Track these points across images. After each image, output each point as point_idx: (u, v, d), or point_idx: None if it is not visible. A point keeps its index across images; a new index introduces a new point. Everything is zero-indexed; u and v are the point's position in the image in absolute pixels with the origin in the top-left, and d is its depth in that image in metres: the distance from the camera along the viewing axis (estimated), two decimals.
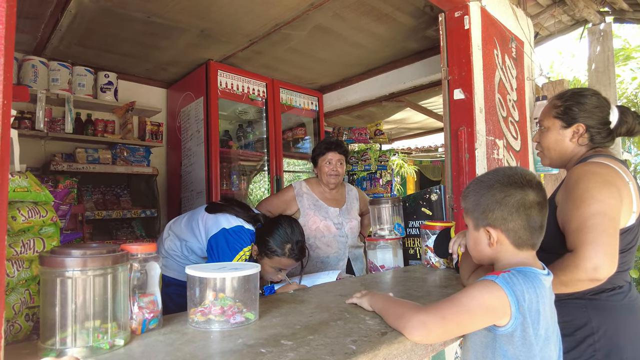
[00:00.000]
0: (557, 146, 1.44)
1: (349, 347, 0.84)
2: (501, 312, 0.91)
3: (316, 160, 2.42)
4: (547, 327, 0.98)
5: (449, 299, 0.95)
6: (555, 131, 1.44)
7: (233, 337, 0.93)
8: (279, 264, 1.81)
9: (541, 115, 1.50)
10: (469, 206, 1.08)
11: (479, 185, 1.07)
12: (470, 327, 0.97)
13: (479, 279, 0.98)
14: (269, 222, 1.87)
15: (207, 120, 3.28)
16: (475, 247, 1.08)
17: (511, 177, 1.02)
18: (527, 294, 0.92)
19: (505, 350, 0.94)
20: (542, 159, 1.52)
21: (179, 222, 2.01)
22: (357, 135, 4.68)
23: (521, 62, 2.81)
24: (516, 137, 2.56)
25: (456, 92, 2.11)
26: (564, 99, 1.43)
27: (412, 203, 2.29)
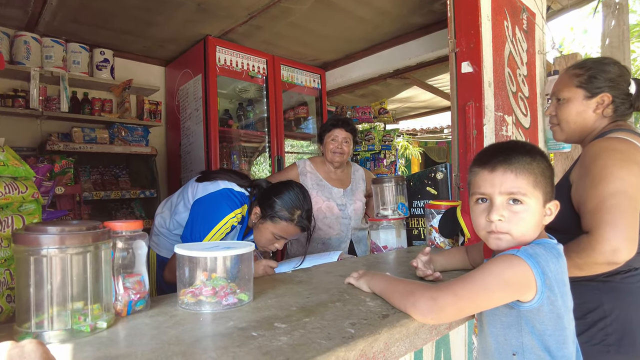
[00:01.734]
0: (578, 118, 1.34)
1: (348, 331, 0.78)
2: (525, 287, 0.86)
3: (322, 137, 2.34)
4: (571, 299, 0.92)
5: (462, 276, 0.90)
6: (578, 102, 1.34)
7: (224, 319, 0.87)
8: (283, 231, 1.63)
9: (558, 86, 1.39)
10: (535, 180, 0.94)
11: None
12: (485, 305, 0.91)
13: (499, 254, 0.91)
14: (278, 184, 1.71)
15: (206, 99, 3.19)
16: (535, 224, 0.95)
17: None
18: (552, 265, 0.86)
19: (532, 326, 0.89)
20: (557, 133, 1.43)
21: (171, 197, 1.95)
22: (360, 114, 4.57)
23: (532, 35, 2.68)
24: (526, 113, 2.45)
25: (464, 65, 2.01)
26: (587, 68, 1.33)
27: (417, 182, 2.21)
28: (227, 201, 1.66)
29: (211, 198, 1.68)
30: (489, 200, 0.94)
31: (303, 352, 0.68)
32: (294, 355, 0.67)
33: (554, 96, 1.42)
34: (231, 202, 1.66)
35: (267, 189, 1.72)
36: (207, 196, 1.70)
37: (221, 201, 1.66)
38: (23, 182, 1.01)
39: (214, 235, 1.60)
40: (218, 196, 1.68)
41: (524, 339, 0.91)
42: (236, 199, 1.69)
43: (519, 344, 0.92)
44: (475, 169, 0.97)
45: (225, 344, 0.73)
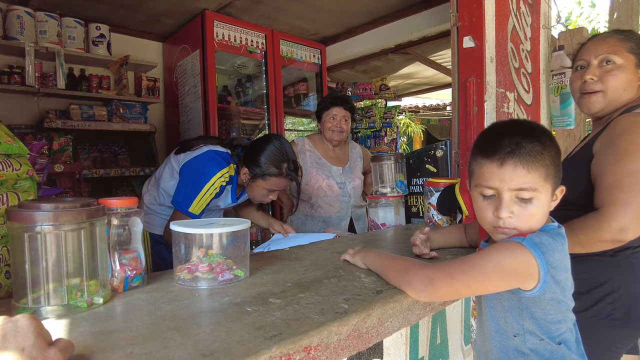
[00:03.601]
0: (628, 87, 1.24)
1: (341, 306, 0.79)
2: (526, 277, 0.83)
3: (320, 115, 2.32)
4: (572, 283, 0.92)
5: (461, 259, 0.88)
6: (631, 70, 1.24)
7: (219, 295, 0.88)
8: (275, 185, 1.72)
9: (608, 48, 1.26)
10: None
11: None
12: (482, 290, 0.90)
13: (504, 240, 0.88)
14: (258, 141, 1.75)
15: (204, 75, 3.15)
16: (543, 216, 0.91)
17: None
18: (557, 254, 0.84)
19: (533, 312, 0.89)
20: (595, 103, 1.29)
21: (153, 175, 1.97)
22: (361, 90, 4.51)
23: (537, 9, 2.61)
24: (528, 90, 2.41)
25: (465, 40, 1.96)
26: (633, 34, 1.26)
27: (416, 160, 2.20)
28: (213, 161, 1.69)
29: (197, 160, 1.71)
30: (496, 195, 0.89)
31: (296, 327, 0.69)
32: (287, 330, 0.68)
33: (598, 59, 1.27)
34: (217, 162, 1.69)
35: (249, 147, 1.74)
36: (193, 159, 1.72)
37: (207, 162, 1.69)
38: (17, 159, 1.00)
39: (203, 195, 1.64)
40: (204, 157, 1.70)
41: (524, 323, 0.91)
42: (221, 158, 1.71)
43: (520, 327, 0.92)
44: (481, 160, 0.90)
45: (220, 319, 0.74)
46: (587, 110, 1.32)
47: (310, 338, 0.67)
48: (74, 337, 0.67)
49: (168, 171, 1.81)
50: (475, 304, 1.09)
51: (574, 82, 1.36)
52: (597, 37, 1.33)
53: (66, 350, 0.54)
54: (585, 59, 1.31)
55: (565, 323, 0.91)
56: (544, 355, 0.91)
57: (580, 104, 1.35)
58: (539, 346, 0.91)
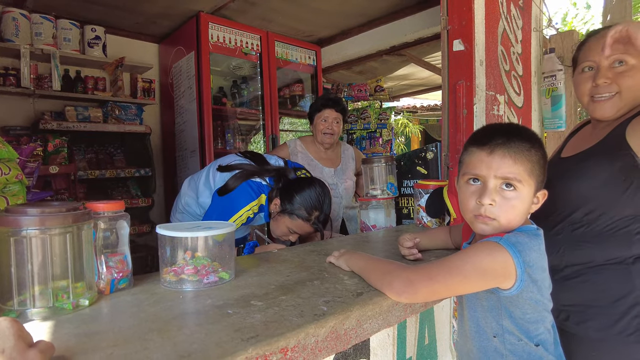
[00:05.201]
0: (637, 91, 1.17)
1: (320, 308, 0.81)
2: (503, 276, 0.86)
3: (312, 117, 2.34)
4: (549, 283, 0.94)
5: (441, 260, 0.90)
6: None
7: (203, 297, 0.90)
8: (299, 228, 1.67)
9: (620, 48, 1.15)
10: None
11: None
12: (460, 290, 0.92)
13: (481, 240, 0.92)
14: (303, 180, 1.73)
15: (199, 76, 3.17)
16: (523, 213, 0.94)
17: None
18: (534, 253, 0.87)
19: (511, 312, 0.91)
20: (607, 109, 1.19)
21: (194, 178, 1.96)
22: (356, 91, 4.53)
23: (528, 12, 2.63)
24: (519, 92, 2.43)
25: (455, 43, 1.98)
26: None
27: (407, 162, 2.22)
28: (244, 194, 1.69)
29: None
30: (481, 183, 0.92)
31: (274, 329, 0.71)
32: (265, 332, 0.70)
33: (610, 60, 1.18)
34: (247, 195, 1.69)
35: (291, 182, 1.72)
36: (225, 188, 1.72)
37: (237, 194, 1.68)
38: (6, 163, 1.02)
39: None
40: (235, 189, 1.70)
41: (503, 323, 0.93)
42: (252, 191, 1.71)
43: (499, 327, 0.94)
44: (472, 148, 0.95)
45: (201, 321, 0.76)
46: (600, 115, 1.22)
47: (287, 339, 0.69)
48: (57, 338, 0.69)
49: (208, 190, 1.83)
50: (457, 304, 1.11)
51: (582, 84, 1.25)
52: (600, 36, 1.21)
53: (46, 351, 0.56)
54: (594, 60, 1.21)
55: (543, 323, 0.93)
56: (522, 356, 0.93)
57: (591, 108, 1.24)
58: (517, 347, 0.93)
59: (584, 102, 1.27)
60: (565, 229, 1.22)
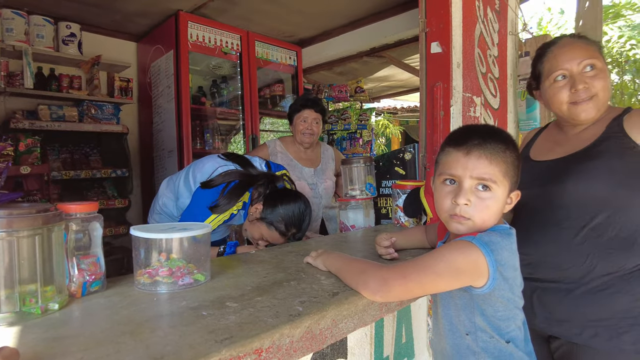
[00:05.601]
0: (609, 89, 1.23)
1: (296, 309, 0.81)
2: (476, 274, 0.88)
3: (292, 118, 2.34)
4: (521, 282, 0.96)
5: (415, 259, 0.92)
6: (607, 72, 1.24)
7: (178, 299, 0.89)
8: (272, 238, 1.65)
9: (586, 54, 1.23)
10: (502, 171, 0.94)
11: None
12: (434, 289, 0.93)
13: (455, 239, 0.93)
14: (290, 194, 1.70)
15: (178, 75, 3.13)
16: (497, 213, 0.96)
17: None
18: (506, 252, 0.89)
19: (484, 310, 0.93)
20: (589, 110, 1.23)
21: (172, 179, 1.92)
22: (337, 92, 4.55)
23: (504, 16, 2.69)
24: (495, 94, 2.49)
25: (433, 46, 2.01)
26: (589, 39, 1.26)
27: (386, 162, 2.24)
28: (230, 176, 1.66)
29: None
30: (457, 183, 0.94)
31: (248, 330, 0.71)
32: (239, 333, 0.69)
33: (582, 65, 1.23)
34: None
35: (278, 192, 1.69)
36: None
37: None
38: None
39: (211, 222, 1.61)
40: (220, 184, 1.66)
41: (476, 320, 0.95)
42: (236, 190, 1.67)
43: (472, 324, 0.96)
44: (449, 148, 0.97)
45: (175, 323, 0.75)
46: (585, 117, 1.24)
47: (261, 340, 0.69)
48: (24, 344, 0.67)
49: (186, 189, 1.79)
50: (432, 302, 1.13)
51: (558, 94, 1.27)
52: (561, 46, 1.28)
53: (9, 357, 0.55)
54: (566, 68, 1.25)
55: (514, 321, 0.95)
56: (494, 353, 0.95)
57: (574, 114, 1.26)
58: (489, 344, 0.95)
59: (562, 110, 1.28)
60: (589, 236, 1.17)
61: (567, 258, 1.19)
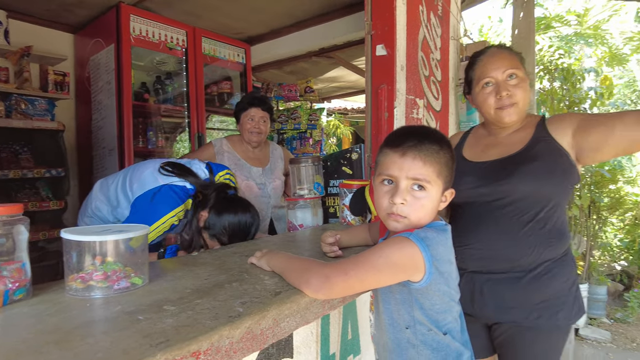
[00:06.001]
0: (528, 96, 1.37)
1: (236, 310, 0.80)
2: (413, 269, 0.92)
3: (238, 116, 2.30)
4: (457, 275, 1.01)
5: (355, 256, 0.94)
6: (527, 80, 1.37)
7: (112, 304, 0.85)
8: (212, 246, 1.59)
9: (509, 64, 1.35)
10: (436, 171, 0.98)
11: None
12: (374, 284, 0.97)
13: (393, 236, 0.97)
14: (239, 204, 1.62)
15: (119, 70, 2.98)
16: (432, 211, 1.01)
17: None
18: (441, 247, 0.93)
19: (422, 303, 0.97)
20: (511, 115, 1.36)
21: (107, 182, 1.80)
22: (287, 91, 4.54)
23: (447, 21, 2.81)
24: (437, 97, 2.59)
25: (378, 48, 2.07)
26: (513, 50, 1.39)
27: (334, 162, 2.27)
28: (166, 200, 1.58)
29: (149, 196, 1.59)
30: (394, 183, 0.98)
31: (185, 333, 0.69)
32: (175, 337, 0.68)
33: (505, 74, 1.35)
34: (171, 201, 1.58)
35: (226, 201, 1.61)
36: (145, 195, 1.61)
37: (159, 201, 1.57)
38: None
39: (151, 232, 1.53)
40: (156, 195, 1.59)
41: (414, 314, 0.98)
42: (177, 195, 1.60)
43: (411, 318, 0.99)
44: (386, 150, 1.00)
45: (108, 329, 0.72)
46: (508, 121, 1.37)
47: (199, 343, 0.68)
48: None
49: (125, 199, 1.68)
50: (373, 297, 1.16)
51: (487, 100, 1.38)
52: (489, 55, 1.40)
53: None
54: (492, 76, 1.36)
55: (450, 313, 1.00)
56: (432, 345, 0.99)
57: (499, 118, 1.38)
58: (428, 337, 0.99)
59: (490, 114, 1.40)
60: (534, 228, 1.29)
61: (517, 250, 1.30)
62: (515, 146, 1.37)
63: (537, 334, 1.30)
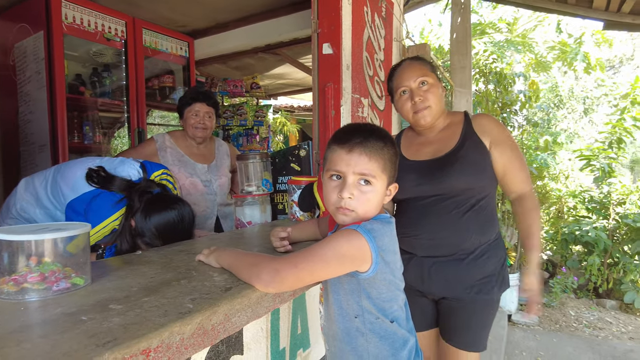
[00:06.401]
0: (441, 98, 1.55)
1: (186, 306, 0.79)
2: (361, 260, 0.96)
3: (182, 111, 2.24)
4: (401, 265, 1.06)
5: (305, 249, 0.96)
6: (438, 85, 1.55)
7: (52, 306, 0.81)
8: (141, 249, 1.49)
9: (420, 72, 1.53)
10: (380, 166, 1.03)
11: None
12: (323, 275, 1.00)
13: (341, 229, 1.00)
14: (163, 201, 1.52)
15: (50, 60, 2.78)
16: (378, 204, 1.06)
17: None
18: (386, 238, 0.98)
19: (369, 293, 1.01)
20: (426, 117, 1.53)
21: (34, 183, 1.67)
22: (232, 87, 4.46)
23: (390, 23, 2.91)
24: (381, 96, 2.68)
25: (325, 47, 2.10)
26: (425, 60, 1.57)
27: (282, 159, 2.28)
28: (106, 203, 1.49)
29: (86, 199, 1.50)
30: (342, 178, 1.02)
31: (134, 331, 0.68)
32: (124, 335, 0.66)
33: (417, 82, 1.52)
34: (111, 204, 1.50)
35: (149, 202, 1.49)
36: (82, 198, 1.51)
37: (99, 203, 1.49)
38: None
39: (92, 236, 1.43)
40: (96, 198, 1.50)
41: (362, 303, 1.03)
42: (117, 198, 1.51)
43: (359, 307, 1.03)
44: (334, 146, 1.04)
45: (47, 332, 0.68)
46: (424, 123, 1.55)
47: (149, 340, 0.67)
48: None
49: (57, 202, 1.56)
50: (323, 289, 1.19)
51: (405, 105, 1.56)
52: (403, 67, 1.60)
53: None
54: (406, 85, 1.55)
55: (396, 302, 1.06)
56: (380, 333, 1.04)
57: (415, 120, 1.56)
58: (376, 325, 1.04)
59: (409, 118, 1.59)
60: (472, 216, 1.48)
61: (458, 237, 1.49)
62: (447, 143, 1.55)
63: (476, 305, 1.52)
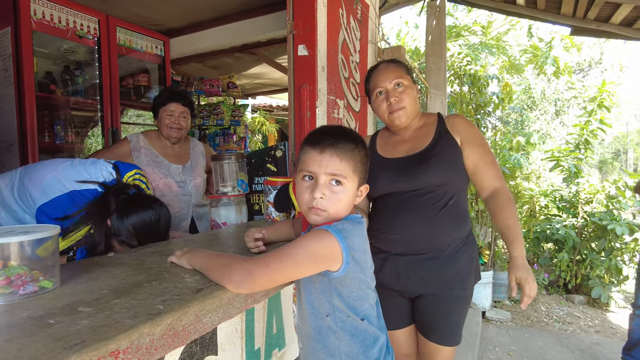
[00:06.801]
0: (415, 99, 1.60)
1: (157, 308, 0.80)
2: (331, 259, 0.97)
3: (157, 111, 2.21)
4: (371, 264, 1.08)
5: (277, 249, 0.98)
6: (413, 86, 1.59)
7: (18, 310, 0.80)
8: (119, 250, 1.46)
9: (395, 74, 1.58)
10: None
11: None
12: (295, 275, 1.01)
13: (313, 229, 1.02)
14: (140, 200, 1.49)
15: (18, 57, 2.70)
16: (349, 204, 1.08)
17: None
18: (357, 238, 1.00)
19: (340, 292, 1.03)
20: (401, 117, 1.58)
21: (9, 185, 1.61)
22: (208, 86, 4.43)
23: (366, 25, 2.95)
24: (356, 98, 2.72)
25: (300, 48, 2.12)
26: (401, 63, 1.61)
27: (258, 159, 2.29)
28: (79, 205, 1.45)
29: (59, 203, 1.47)
30: (314, 179, 1.04)
31: (103, 333, 0.68)
32: (92, 337, 0.66)
33: (392, 84, 1.57)
34: (83, 205, 1.45)
35: (126, 202, 1.47)
36: (54, 202, 1.48)
37: (73, 206, 1.44)
38: None
39: (62, 242, 1.40)
40: (67, 200, 1.46)
41: (334, 302, 1.05)
42: (87, 200, 1.47)
43: (331, 306, 1.05)
44: (306, 147, 1.06)
45: (12, 337, 0.68)
46: (399, 123, 1.60)
47: (118, 342, 0.67)
48: None
49: (26, 206, 1.51)
50: (296, 289, 1.21)
51: (380, 106, 1.62)
52: (379, 69, 1.64)
53: None
54: (382, 86, 1.59)
55: (367, 300, 1.08)
56: (351, 331, 1.07)
57: (391, 120, 1.61)
58: (347, 323, 1.06)
59: (385, 118, 1.63)
60: (445, 213, 1.52)
61: (433, 233, 1.52)
62: (421, 141, 1.59)
63: (451, 301, 1.56)
